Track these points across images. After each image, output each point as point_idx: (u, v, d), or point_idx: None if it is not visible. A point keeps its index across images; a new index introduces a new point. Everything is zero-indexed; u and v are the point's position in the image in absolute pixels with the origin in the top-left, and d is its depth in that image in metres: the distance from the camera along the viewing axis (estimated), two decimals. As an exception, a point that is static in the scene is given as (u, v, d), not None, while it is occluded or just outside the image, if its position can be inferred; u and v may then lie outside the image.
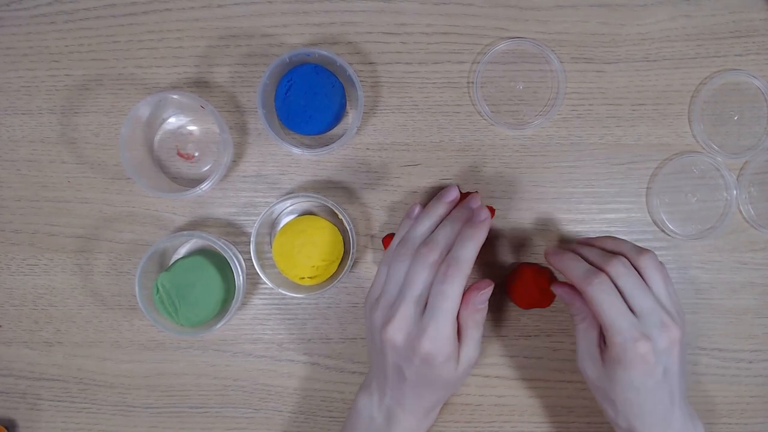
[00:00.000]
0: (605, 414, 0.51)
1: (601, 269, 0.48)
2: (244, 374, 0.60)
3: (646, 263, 0.48)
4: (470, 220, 0.49)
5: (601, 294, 0.46)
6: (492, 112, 0.59)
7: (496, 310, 0.60)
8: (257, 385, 0.60)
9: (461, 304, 0.47)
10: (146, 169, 0.57)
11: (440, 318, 0.46)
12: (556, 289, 0.53)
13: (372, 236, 0.59)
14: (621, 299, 0.47)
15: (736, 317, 0.59)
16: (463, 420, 0.60)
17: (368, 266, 0.59)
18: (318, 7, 0.59)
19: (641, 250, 0.49)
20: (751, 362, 0.59)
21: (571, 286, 0.52)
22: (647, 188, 0.59)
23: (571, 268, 0.49)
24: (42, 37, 0.59)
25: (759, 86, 0.59)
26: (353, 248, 0.56)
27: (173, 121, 0.60)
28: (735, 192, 0.59)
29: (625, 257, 0.48)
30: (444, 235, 0.49)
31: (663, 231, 0.59)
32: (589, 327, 0.50)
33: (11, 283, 0.60)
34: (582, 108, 0.59)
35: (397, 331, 0.47)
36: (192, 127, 0.60)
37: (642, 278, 0.48)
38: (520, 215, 0.59)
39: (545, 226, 0.59)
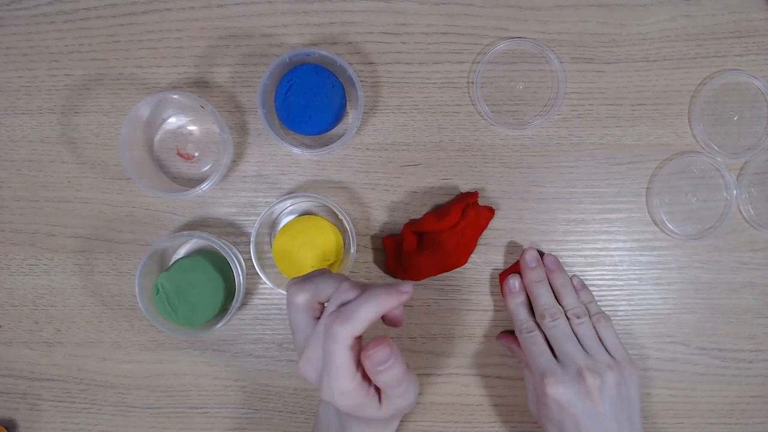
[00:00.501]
0: None
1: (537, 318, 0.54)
2: (244, 374, 0.60)
3: (580, 321, 0.53)
4: (389, 284, 0.44)
5: (528, 342, 0.53)
6: (492, 112, 0.59)
7: (496, 309, 0.60)
8: (257, 386, 0.60)
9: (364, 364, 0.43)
10: (146, 169, 0.57)
11: (332, 375, 0.42)
12: (501, 340, 0.59)
13: (372, 236, 0.59)
14: (546, 347, 0.52)
15: (736, 317, 0.59)
16: (463, 420, 0.60)
17: (368, 266, 0.59)
18: (318, 7, 0.59)
19: (579, 312, 0.54)
20: (751, 362, 0.59)
21: (512, 338, 0.58)
22: (647, 188, 0.59)
23: (513, 313, 0.56)
24: (42, 37, 0.59)
25: (759, 86, 0.59)
26: (353, 248, 0.56)
27: (173, 121, 0.60)
28: (735, 192, 0.59)
29: (566, 307, 0.54)
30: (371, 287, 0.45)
31: (663, 231, 0.59)
32: (530, 372, 0.55)
33: (11, 283, 0.60)
34: (582, 108, 0.59)
35: (306, 370, 0.44)
36: (192, 127, 0.60)
37: (573, 329, 0.53)
38: (520, 215, 0.59)
39: (545, 226, 0.59)
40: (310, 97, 0.56)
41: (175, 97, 0.55)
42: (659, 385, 0.59)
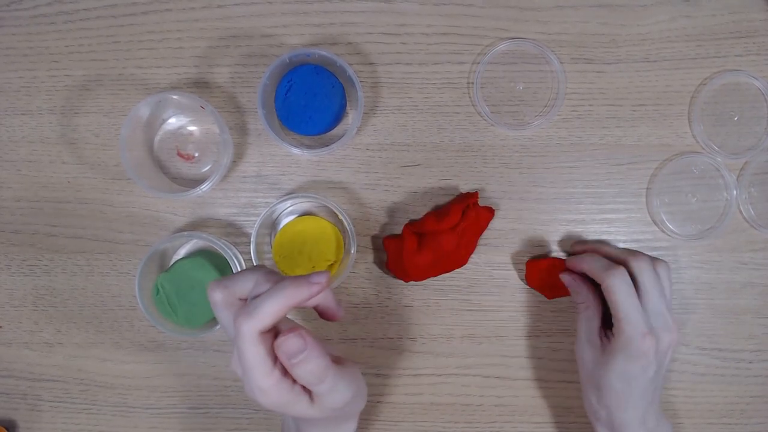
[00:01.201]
0: (587, 403, 0.53)
1: (622, 263, 0.51)
2: (245, 375, 0.60)
3: (661, 269, 0.52)
4: (300, 276, 0.41)
5: (622, 285, 0.50)
6: (492, 112, 0.59)
7: (496, 310, 0.60)
8: (257, 386, 0.60)
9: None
10: (146, 169, 0.57)
11: (247, 371, 0.40)
12: (565, 277, 0.56)
13: (372, 236, 0.59)
14: (636, 294, 0.50)
15: (736, 317, 0.59)
16: (464, 420, 0.60)
17: (368, 267, 0.60)
18: (318, 8, 0.59)
19: (658, 259, 0.53)
20: (751, 362, 0.59)
21: (579, 275, 0.55)
22: (647, 188, 0.59)
23: (589, 261, 0.53)
24: (42, 38, 0.59)
25: (759, 87, 0.59)
26: (353, 249, 0.56)
27: (173, 122, 0.60)
28: (735, 192, 0.59)
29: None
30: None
31: (663, 231, 0.59)
32: (593, 315, 0.53)
33: (11, 283, 0.60)
34: (582, 108, 0.59)
35: (236, 367, 0.42)
36: (192, 128, 0.60)
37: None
38: (520, 215, 0.59)
39: (545, 226, 0.59)
40: (310, 97, 0.56)
41: (175, 97, 0.55)
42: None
